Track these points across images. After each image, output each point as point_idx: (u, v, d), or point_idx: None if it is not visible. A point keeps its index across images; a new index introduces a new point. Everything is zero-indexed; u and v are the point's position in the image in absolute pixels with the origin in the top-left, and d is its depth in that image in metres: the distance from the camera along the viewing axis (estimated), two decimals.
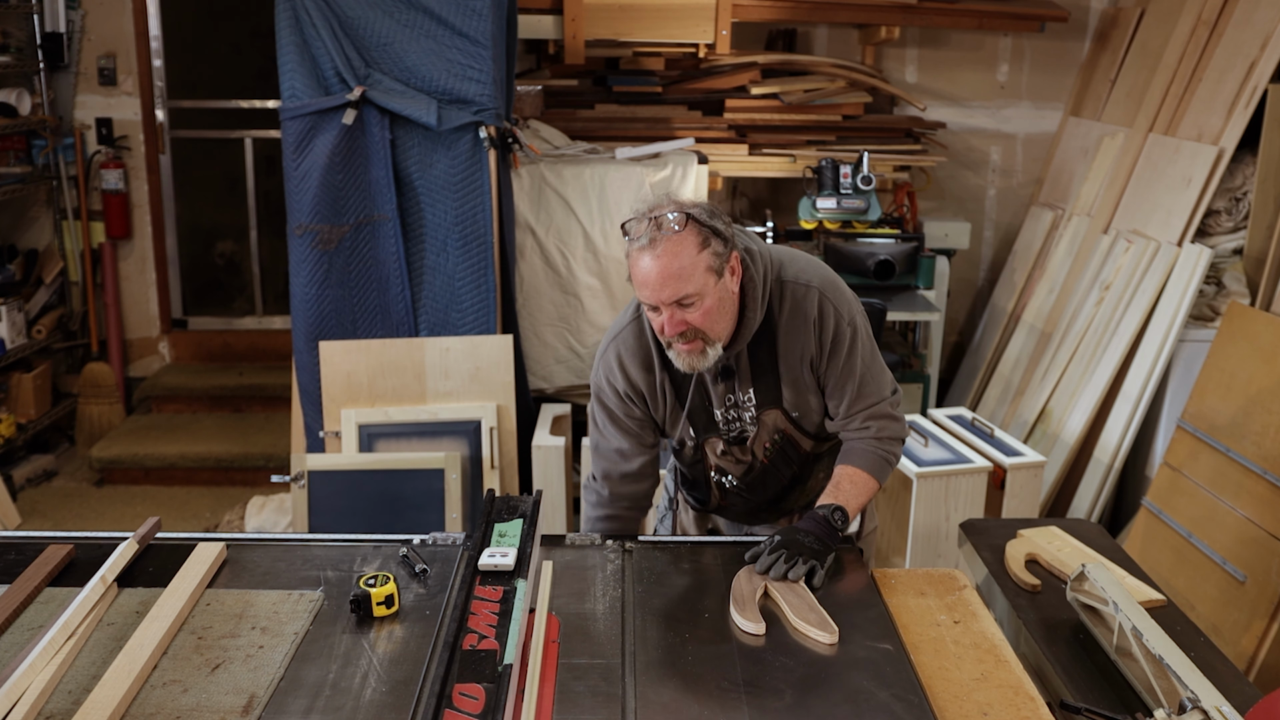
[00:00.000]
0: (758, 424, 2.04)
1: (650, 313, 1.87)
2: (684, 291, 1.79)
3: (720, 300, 1.84)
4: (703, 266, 1.80)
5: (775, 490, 2.16)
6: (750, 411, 2.03)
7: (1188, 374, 3.66)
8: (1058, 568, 1.94)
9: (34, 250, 5.09)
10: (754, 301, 1.92)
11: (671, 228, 1.78)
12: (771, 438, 2.05)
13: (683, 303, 1.80)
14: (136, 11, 5.01)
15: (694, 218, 1.80)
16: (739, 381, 2.01)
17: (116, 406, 5.07)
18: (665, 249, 1.77)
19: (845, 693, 1.51)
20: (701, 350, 1.86)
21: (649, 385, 2.03)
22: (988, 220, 5.28)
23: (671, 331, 1.83)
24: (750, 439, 2.06)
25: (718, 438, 2.07)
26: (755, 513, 2.24)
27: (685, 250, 1.78)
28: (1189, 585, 3.18)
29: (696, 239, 1.79)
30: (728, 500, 2.20)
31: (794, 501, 2.22)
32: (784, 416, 2.03)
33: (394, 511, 3.37)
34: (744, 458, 2.08)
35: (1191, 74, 4.07)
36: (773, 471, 2.11)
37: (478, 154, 3.56)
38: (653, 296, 1.81)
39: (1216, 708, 1.42)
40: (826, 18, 4.79)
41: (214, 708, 1.45)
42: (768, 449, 2.07)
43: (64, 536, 1.93)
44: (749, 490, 2.15)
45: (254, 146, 5.34)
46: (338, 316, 3.62)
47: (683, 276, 1.78)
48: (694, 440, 2.08)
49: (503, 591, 1.70)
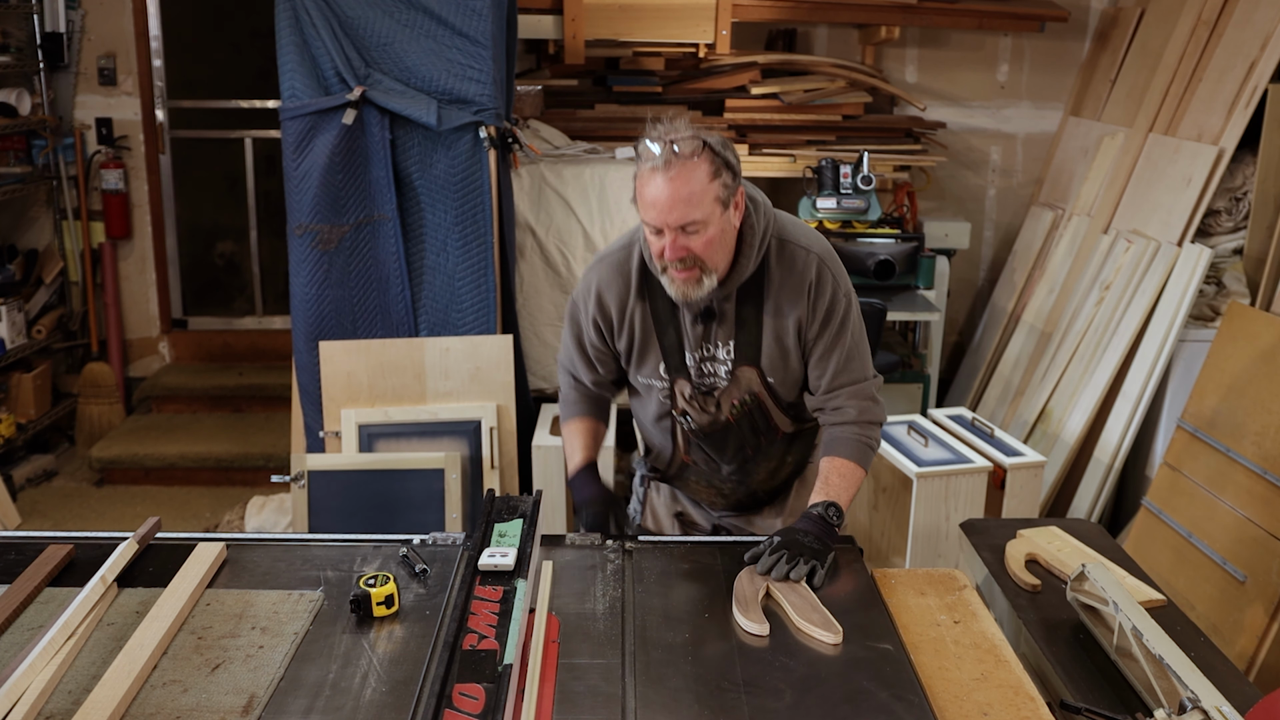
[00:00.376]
0: (731, 379, 2.02)
1: (651, 236, 1.87)
2: (691, 217, 1.81)
3: (723, 231, 1.86)
4: (711, 195, 1.81)
5: (737, 455, 2.12)
6: (726, 366, 2.01)
7: (1188, 374, 3.66)
8: (1058, 568, 1.94)
9: (34, 250, 5.09)
10: (749, 248, 1.93)
11: (687, 153, 1.79)
12: (742, 397, 2.03)
13: (687, 228, 1.82)
14: (136, 11, 5.01)
15: (709, 145, 1.82)
16: (719, 331, 1.99)
17: (116, 406, 5.07)
18: (678, 173, 1.79)
19: (845, 693, 1.51)
20: (698, 280, 1.87)
21: (620, 313, 2.02)
22: (988, 220, 5.28)
23: (672, 256, 1.84)
24: (719, 392, 2.03)
25: (687, 380, 2.04)
26: (719, 488, 2.20)
27: (697, 176, 1.79)
28: (1189, 585, 3.18)
29: (709, 167, 1.81)
30: (691, 456, 2.15)
31: (760, 481, 2.19)
32: (759, 378, 2.01)
33: (394, 511, 3.37)
34: (709, 409, 2.05)
35: (1191, 74, 4.07)
36: (737, 432, 2.08)
37: (478, 154, 3.56)
38: (659, 219, 1.82)
39: (1216, 708, 1.42)
40: (826, 18, 4.80)
41: (214, 708, 1.45)
42: (735, 408, 2.04)
43: (64, 536, 1.93)
44: (711, 446, 2.11)
45: (254, 146, 5.34)
46: (338, 316, 3.62)
47: (692, 202, 1.80)
48: (665, 381, 2.05)
49: (503, 591, 1.70)
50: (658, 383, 2.07)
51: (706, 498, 2.27)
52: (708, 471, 2.18)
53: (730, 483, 2.19)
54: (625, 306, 2.02)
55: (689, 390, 2.04)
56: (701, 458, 2.15)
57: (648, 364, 2.06)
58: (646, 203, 1.83)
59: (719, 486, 2.21)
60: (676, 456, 2.19)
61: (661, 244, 1.85)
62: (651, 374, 2.07)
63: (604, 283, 2.04)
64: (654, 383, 2.07)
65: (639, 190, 1.85)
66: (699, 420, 2.07)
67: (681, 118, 1.87)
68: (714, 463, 2.15)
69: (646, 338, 2.04)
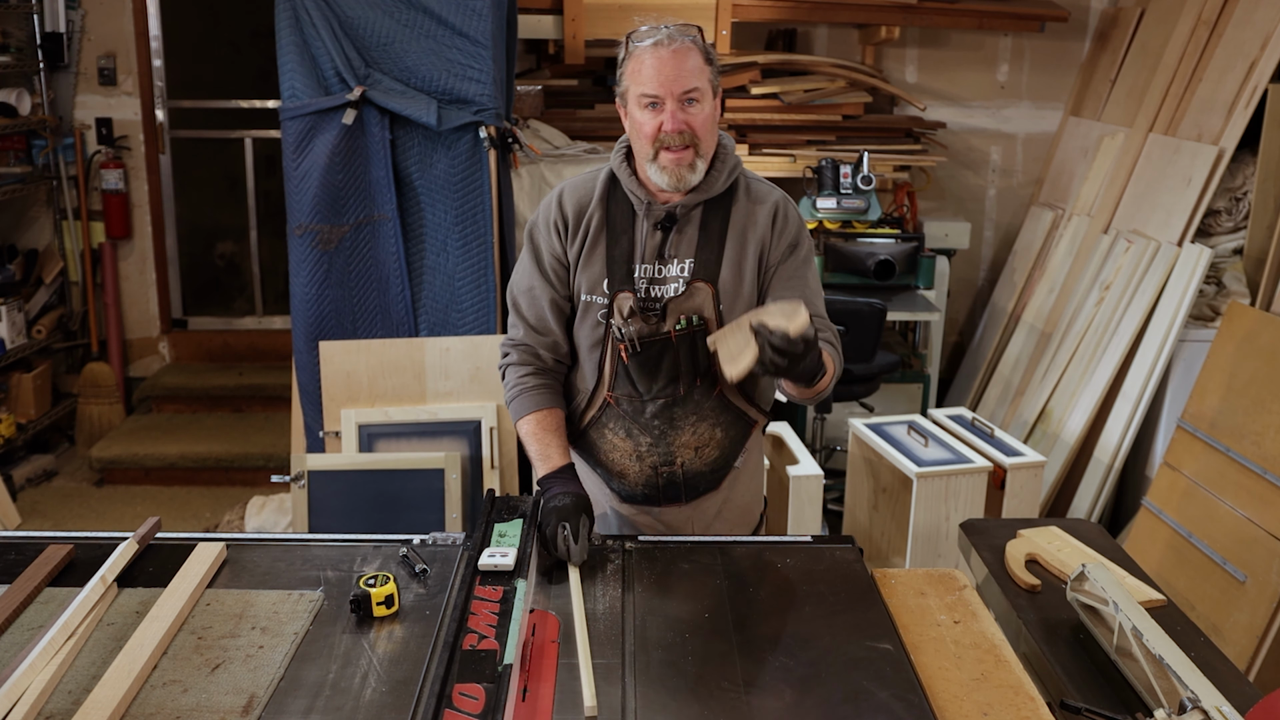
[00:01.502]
0: (687, 289, 1.94)
1: (647, 111, 1.87)
2: (692, 83, 1.84)
3: (713, 116, 1.90)
4: (707, 75, 1.88)
5: (667, 388, 1.97)
6: (679, 282, 1.95)
7: (1188, 374, 3.66)
8: (1058, 568, 1.94)
9: (34, 250, 5.09)
10: (722, 163, 1.95)
11: (682, 35, 1.87)
12: (690, 316, 1.95)
13: (688, 95, 1.85)
14: (136, 11, 5.01)
15: (697, 39, 1.89)
16: (677, 244, 1.95)
17: (116, 406, 5.07)
18: (678, 48, 1.85)
19: (845, 693, 1.51)
20: (691, 162, 1.88)
21: (578, 216, 1.99)
22: (988, 220, 5.28)
23: (674, 126, 1.85)
24: (667, 300, 1.94)
25: (630, 293, 1.95)
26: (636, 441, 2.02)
27: (694, 55, 1.87)
28: (1189, 585, 3.18)
29: (701, 53, 1.89)
30: (615, 392, 2.00)
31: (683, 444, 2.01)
32: (713, 299, 1.94)
33: (394, 511, 3.37)
34: (651, 322, 1.95)
35: (1191, 74, 4.07)
36: (673, 355, 1.95)
37: (478, 154, 3.56)
38: (662, 87, 1.84)
39: (1216, 708, 1.42)
40: (826, 18, 4.80)
41: (214, 708, 1.45)
42: (680, 324, 1.95)
43: (64, 536, 1.93)
44: (642, 370, 1.96)
45: (254, 146, 5.34)
46: (338, 316, 3.62)
47: (693, 72, 1.85)
48: (605, 296, 1.96)
49: (503, 591, 1.70)
50: (599, 298, 1.98)
51: (619, 463, 2.05)
52: (629, 414, 2.01)
53: (650, 434, 2.01)
54: (585, 210, 2.00)
55: (629, 305, 1.95)
56: (626, 393, 1.99)
57: (590, 276, 1.99)
58: (645, 76, 1.85)
59: (637, 440, 2.02)
60: (599, 395, 2.02)
61: (658, 120, 1.85)
62: (594, 288, 1.99)
63: (567, 192, 2.03)
64: (595, 298, 1.98)
65: (633, 69, 1.87)
66: (637, 333, 1.95)
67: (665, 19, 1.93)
68: (638, 400, 1.99)
69: (595, 245, 1.99)
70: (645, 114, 1.87)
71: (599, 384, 2.03)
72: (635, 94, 1.88)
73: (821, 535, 2.06)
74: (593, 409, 2.05)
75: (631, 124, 1.92)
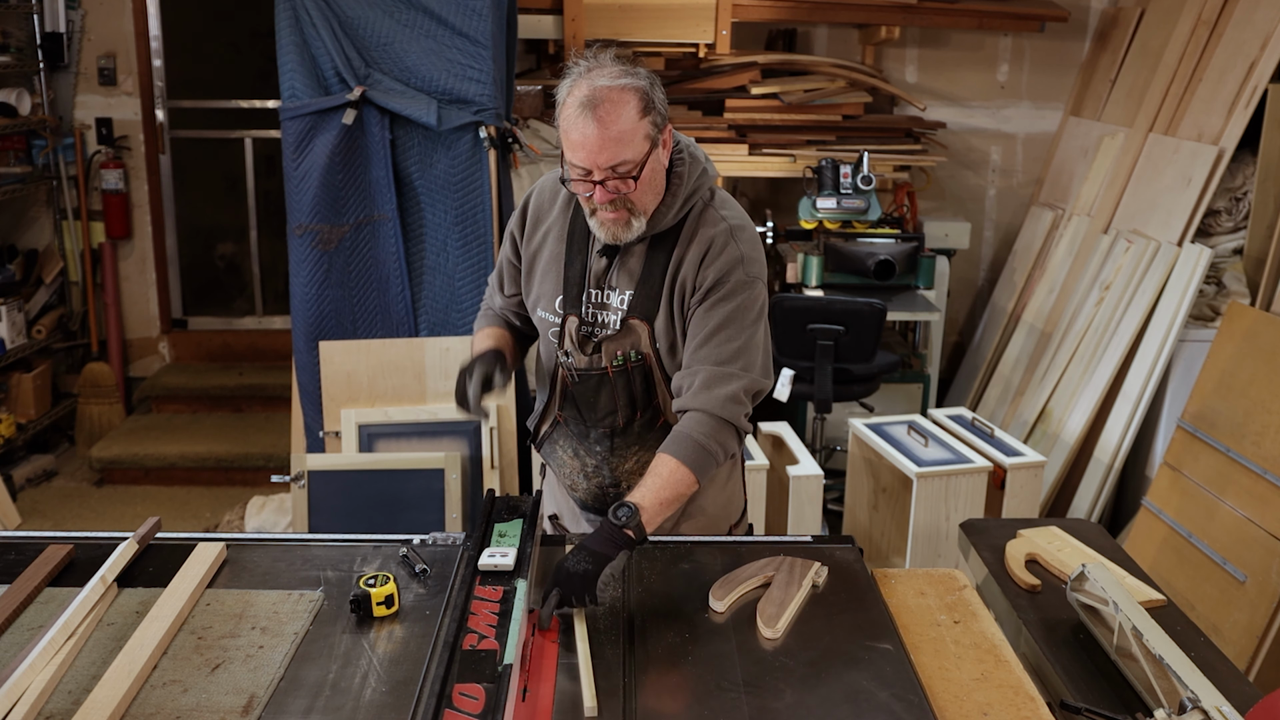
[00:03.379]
0: (621, 329, 1.89)
1: (577, 183, 1.77)
2: (622, 157, 1.72)
3: (653, 172, 1.78)
4: (642, 133, 1.73)
5: (607, 419, 1.94)
6: (618, 314, 1.89)
7: (1188, 374, 3.66)
8: (1058, 568, 1.94)
9: (34, 250, 5.09)
10: (673, 197, 1.84)
11: (615, 90, 1.71)
12: (628, 352, 1.90)
13: (618, 168, 1.73)
14: (136, 11, 5.01)
15: (637, 82, 1.73)
16: (618, 275, 1.89)
17: (116, 406, 5.07)
18: (607, 111, 1.70)
19: (845, 693, 1.51)
20: (627, 221, 1.80)
21: (536, 219, 1.96)
22: (988, 220, 5.28)
23: (603, 198, 1.76)
24: (603, 338, 1.90)
25: (577, 317, 1.92)
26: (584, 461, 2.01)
27: (626, 114, 1.71)
28: (1189, 585, 3.18)
29: (638, 104, 1.72)
30: (564, 412, 1.99)
31: (628, 470, 2.00)
32: (649, 338, 1.89)
33: (394, 511, 3.37)
34: (588, 353, 1.91)
35: (1191, 74, 4.07)
36: (611, 390, 1.92)
37: (478, 154, 3.56)
38: (589, 160, 1.72)
39: (1216, 708, 1.42)
40: (826, 18, 4.80)
41: (214, 708, 1.45)
42: (617, 360, 1.90)
43: (64, 536, 1.93)
44: (583, 400, 1.94)
45: (254, 146, 5.34)
46: (338, 316, 3.62)
47: (623, 141, 1.71)
48: (558, 316, 1.93)
49: (503, 591, 1.70)
50: (551, 317, 1.95)
51: (569, 476, 2.07)
52: (576, 435, 2.01)
53: (595, 457, 2.00)
54: (548, 216, 1.95)
55: (575, 328, 1.92)
56: (573, 415, 1.99)
57: (546, 291, 1.95)
58: (573, 143, 1.72)
59: (583, 460, 2.02)
60: (550, 412, 2.03)
61: (589, 189, 1.76)
62: (548, 306, 1.95)
63: (537, 191, 1.99)
64: (549, 317, 1.95)
65: (564, 130, 1.73)
66: (578, 363, 1.92)
67: (606, 52, 1.79)
68: (582, 424, 1.98)
69: (554, 260, 1.94)
70: (577, 182, 1.78)
71: (550, 401, 2.03)
72: (566, 156, 1.77)
73: (821, 535, 2.07)
74: (545, 423, 2.07)
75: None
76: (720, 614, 1.71)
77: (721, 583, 1.77)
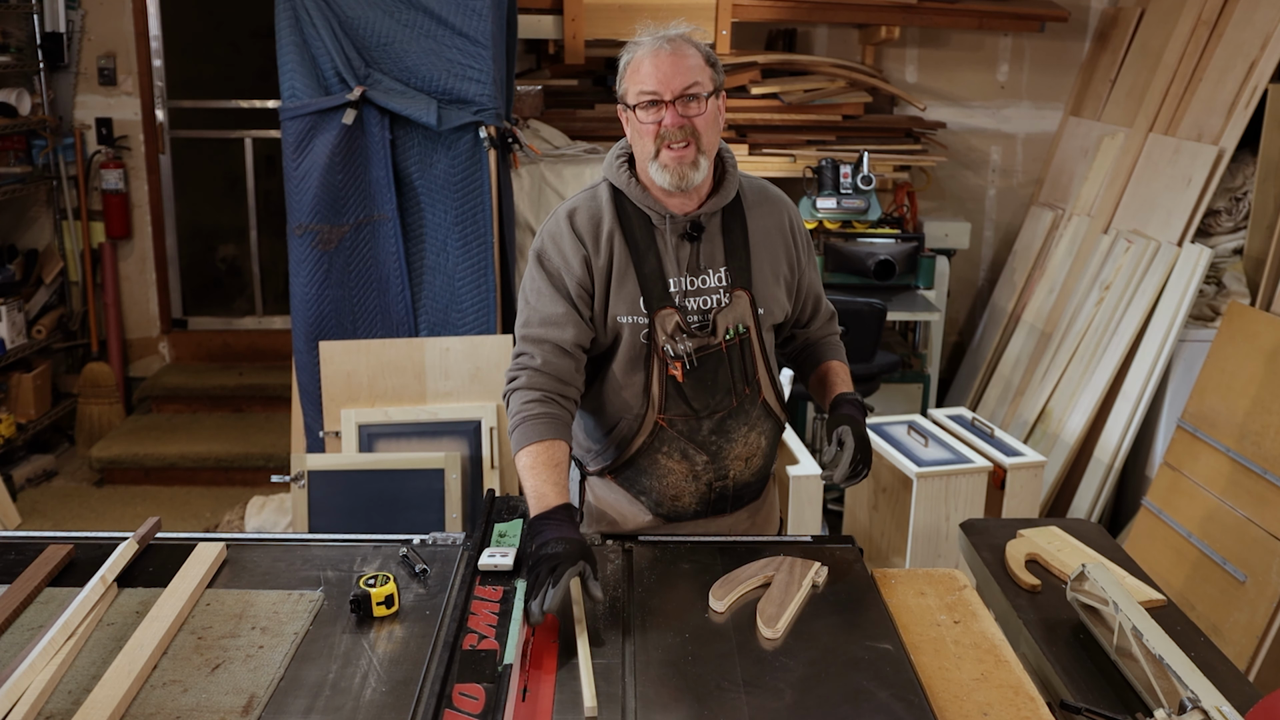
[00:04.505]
0: (731, 299, 1.93)
1: (647, 112, 1.85)
2: (693, 79, 1.83)
3: (715, 115, 1.89)
4: (708, 74, 1.87)
5: (725, 399, 1.95)
6: (719, 292, 1.93)
7: (1188, 374, 3.66)
8: (1058, 568, 1.94)
9: (34, 250, 5.09)
10: (732, 169, 1.96)
11: (682, 38, 1.88)
12: (735, 325, 1.94)
13: (689, 91, 1.83)
14: (136, 11, 5.01)
15: (700, 44, 1.90)
16: (708, 253, 1.93)
17: (116, 406, 5.07)
18: (678, 48, 1.86)
19: (845, 693, 1.51)
20: (694, 160, 1.85)
21: (594, 234, 1.92)
22: (988, 220, 5.28)
23: (673, 122, 1.83)
24: (715, 312, 1.93)
25: (672, 309, 1.90)
26: (693, 461, 1.97)
27: (696, 54, 1.87)
28: (1189, 585, 3.18)
29: (702, 53, 1.89)
30: (668, 413, 1.94)
31: (736, 455, 1.99)
32: (750, 306, 1.94)
33: (394, 511, 3.37)
34: (702, 334, 1.92)
35: (1191, 74, 4.07)
36: (727, 366, 1.94)
37: (478, 154, 3.56)
38: (662, 84, 1.83)
39: (1216, 708, 1.42)
40: (826, 18, 4.80)
41: (214, 708, 1.45)
42: (729, 332, 1.93)
43: (64, 536, 1.93)
44: (698, 385, 1.92)
45: (254, 146, 5.34)
46: (338, 316, 3.62)
47: (694, 71, 1.84)
48: (645, 316, 1.90)
49: (502, 591, 1.70)
50: (638, 319, 1.91)
51: (675, 485, 2.00)
52: (684, 434, 1.95)
53: (707, 451, 1.97)
54: (601, 228, 1.92)
55: (674, 322, 1.91)
56: (680, 413, 1.94)
57: (625, 297, 1.91)
58: (644, 74, 1.84)
59: (693, 460, 1.97)
60: (649, 419, 1.95)
61: (659, 117, 1.84)
62: (630, 309, 1.91)
63: (577, 213, 1.95)
64: (635, 319, 1.91)
65: (633, 71, 1.87)
66: (690, 347, 1.91)
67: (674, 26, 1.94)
68: (694, 419, 1.94)
69: (624, 266, 1.92)
70: (645, 112, 1.85)
71: (648, 408, 1.95)
72: (635, 92, 1.87)
73: (821, 535, 2.06)
74: (643, 435, 1.96)
75: (632, 125, 1.89)
76: (720, 614, 1.71)
77: (721, 583, 1.77)
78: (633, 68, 1.87)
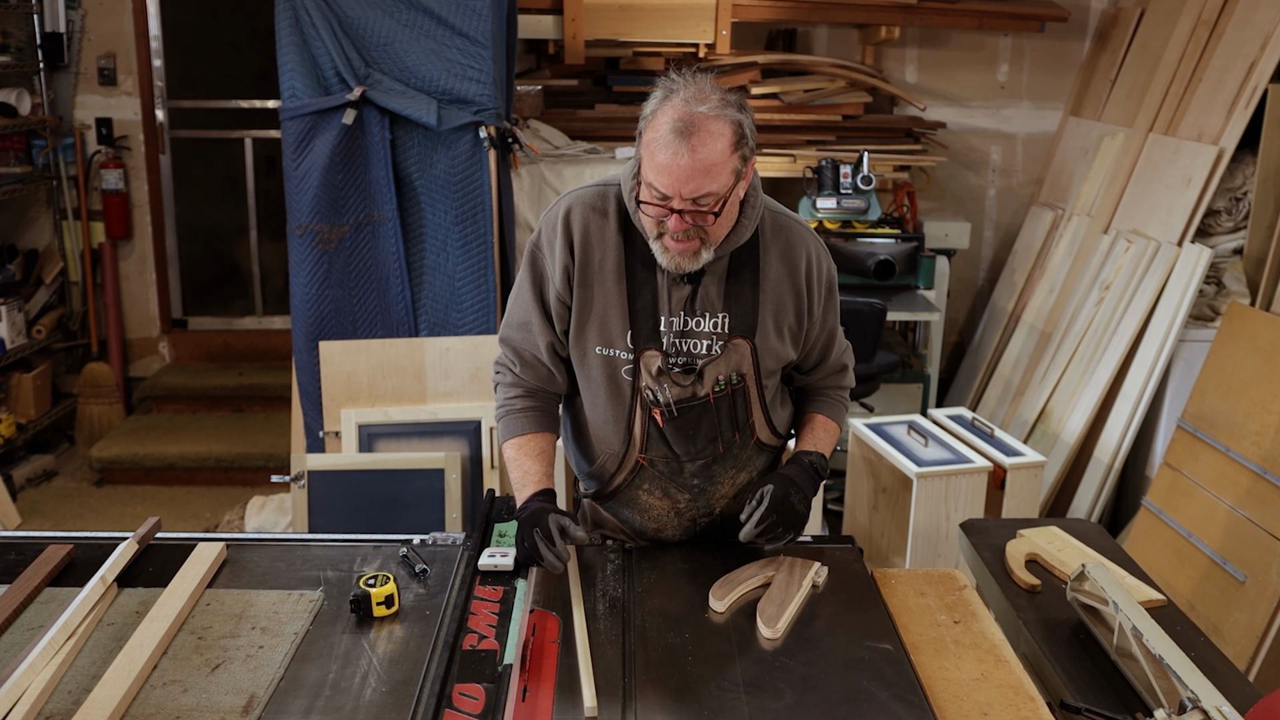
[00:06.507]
0: (723, 351, 1.80)
1: (652, 207, 1.67)
2: (706, 189, 1.62)
3: (732, 205, 1.70)
4: (730, 168, 1.64)
5: (708, 449, 1.86)
6: (713, 339, 1.80)
7: (1188, 374, 3.66)
8: (1058, 568, 1.94)
9: (34, 250, 5.09)
10: (752, 209, 1.77)
11: (712, 119, 1.61)
12: (729, 375, 1.81)
13: (699, 201, 1.63)
14: (136, 11, 5.01)
15: (732, 118, 1.64)
16: (706, 298, 1.79)
17: (116, 406, 5.07)
18: (701, 140, 1.60)
19: (845, 693, 1.51)
20: (695, 252, 1.70)
21: (585, 244, 1.78)
22: (988, 220, 5.28)
23: (677, 227, 1.65)
24: (704, 363, 1.80)
25: (657, 351, 1.78)
26: (675, 500, 1.91)
27: (719, 146, 1.61)
28: (1189, 585, 3.18)
29: (732, 136, 1.63)
30: (649, 454, 1.85)
31: (722, 495, 1.93)
32: (751, 355, 1.81)
33: (394, 511, 3.37)
34: (686, 383, 1.79)
35: (1191, 74, 4.07)
36: (713, 416, 1.82)
37: (478, 154, 3.56)
38: (672, 187, 1.62)
39: (1216, 708, 1.42)
40: (826, 18, 4.80)
41: (214, 708, 1.45)
42: (719, 384, 1.81)
43: (64, 536, 1.93)
44: (680, 434, 1.83)
45: (254, 146, 5.34)
46: (338, 316, 3.62)
47: (710, 174, 1.62)
48: (630, 353, 1.79)
49: (502, 591, 1.70)
50: (621, 354, 1.80)
51: (655, 519, 1.95)
52: (666, 474, 1.88)
53: (690, 491, 1.90)
54: (602, 243, 1.78)
55: (658, 364, 1.79)
56: (662, 455, 1.86)
57: (611, 328, 1.79)
58: (658, 166, 1.62)
59: (675, 498, 1.91)
60: (629, 458, 1.88)
61: (664, 215, 1.66)
62: (612, 341, 1.80)
63: (575, 210, 1.80)
64: (616, 353, 1.80)
65: (648, 151, 1.64)
66: (673, 396, 1.80)
67: (706, 77, 1.67)
68: (675, 461, 1.86)
69: (617, 294, 1.78)
70: (652, 206, 1.67)
71: (629, 446, 1.87)
72: (645, 176, 1.68)
73: (821, 535, 2.07)
74: (623, 472, 1.90)
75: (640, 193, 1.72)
76: (720, 614, 1.71)
77: (721, 583, 1.77)
78: (648, 147, 1.65)
